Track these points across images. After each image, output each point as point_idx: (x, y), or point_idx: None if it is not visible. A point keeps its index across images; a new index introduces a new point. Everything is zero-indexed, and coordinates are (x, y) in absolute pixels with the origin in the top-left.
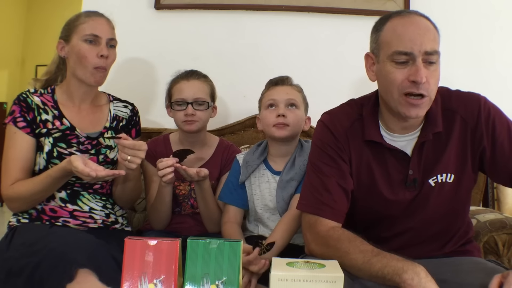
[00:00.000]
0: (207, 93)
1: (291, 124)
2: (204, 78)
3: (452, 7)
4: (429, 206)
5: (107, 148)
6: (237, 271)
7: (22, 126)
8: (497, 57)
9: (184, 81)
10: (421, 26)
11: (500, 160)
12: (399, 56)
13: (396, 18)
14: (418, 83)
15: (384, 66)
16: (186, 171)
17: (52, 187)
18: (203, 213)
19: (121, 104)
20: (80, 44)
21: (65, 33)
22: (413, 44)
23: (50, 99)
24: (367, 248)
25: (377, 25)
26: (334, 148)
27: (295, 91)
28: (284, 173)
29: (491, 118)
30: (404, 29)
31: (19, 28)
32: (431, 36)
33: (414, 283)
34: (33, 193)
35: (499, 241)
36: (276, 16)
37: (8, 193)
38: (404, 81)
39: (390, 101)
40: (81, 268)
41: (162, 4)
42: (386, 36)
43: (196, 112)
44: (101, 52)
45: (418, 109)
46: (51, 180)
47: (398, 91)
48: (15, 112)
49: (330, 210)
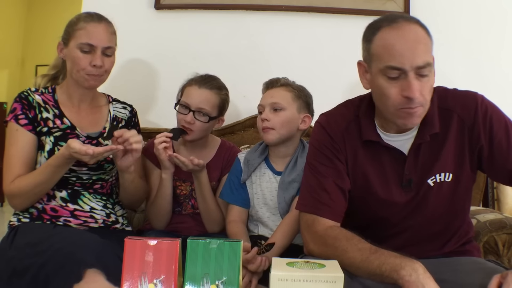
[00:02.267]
0: (214, 106)
1: (276, 127)
2: (217, 90)
3: (452, 6)
4: (428, 206)
5: None
6: (237, 271)
7: (24, 124)
8: (497, 56)
9: (195, 86)
10: (411, 38)
11: (498, 158)
12: (391, 71)
13: (386, 29)
14: (411, 99)
15: (377, 79)
16: (178, 157)
17: (53, 176)
18: (202, 211)
19: (120, 105)
20: (75, 51)
21: (64, 35)
22: (404, 59)
23: (50, 99)
24: (365, 246)
25: (367, 34)
26: (330, 148)
27: (284, 91)
28: (285, 174)
29: (488, 116)
30: (394, 43)
31: (19, 28)
32: (422, 48)
33: (412, 279)
34: (35, 185)
35: (499, 241)
36: (276, 16)
37: (10, 189)
38: (398, 96)
39: (386, 113)
40: (90, 268)
41: (162, 4)
42: (376, 49)
43: (196, 122)
44: (94, 62)
45: (414, 118)
46: (51, 169)
47: (393, 106)
48: (16, 109)
49: (327, 209)
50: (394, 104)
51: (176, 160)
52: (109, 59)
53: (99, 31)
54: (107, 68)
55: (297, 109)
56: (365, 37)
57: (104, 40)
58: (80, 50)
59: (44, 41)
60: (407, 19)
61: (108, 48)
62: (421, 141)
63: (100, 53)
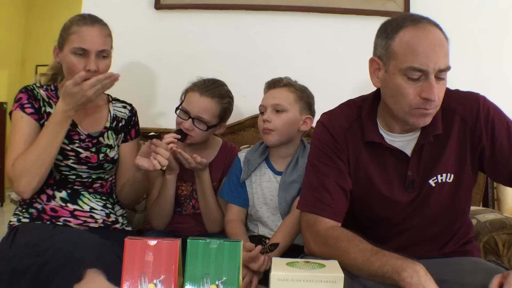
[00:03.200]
0: (214, 115)
1: (277, 129)
2: (219, 98)
3: (452, 7)
4: (429, 206)
5: (107, 147)
6: (237, 271)
7: (30, 112)
8: (497, 56)
9: (197, 93)
10: (436, 40)
11: (500, 159)
12: (413, 72)
13: (410, 28)
14: (430, 101)
15: (394, 78)
16: (182, 154)
17: (52, 139)
18: (203, 210)
19: (120, 105)
20: (69, 56)
21: (59, 39)
22: (428, 62)
23: (54, 95)
24: (366, 247)
25: (387, 31)
26: (332, 148)
27: (286, 92)
28: (286, 175)
29: (490, 117)
30: (419, 43)
31: (19, 28)
32: (444, 51)
33: (413, 281)
34: (36, 155)
35: (499, 241)
36: (276, 16)
37: (13, 171)
38: (416, 97)
39: (399, 112)
40: (90, 268)
41: (162, 4)
42: (399, 47)
43: (194, 129)
44: (88, 67)
45: (426, 118)
46: (49, 129)
47: (408, 106)
48: (22, 99)
49: (329, 209)
50: (410, 104)
51: (179, 156)
52: (104, 62)
53: (92, 34)
54: (102, 70)
55: (299, 111)
56: (384, 33)
57: (98, 44)
58: (74, 54)
59: (44, 41)
60: (430, 22)
61: (102, 51)
62: (425, 141)
63: (94, 57)
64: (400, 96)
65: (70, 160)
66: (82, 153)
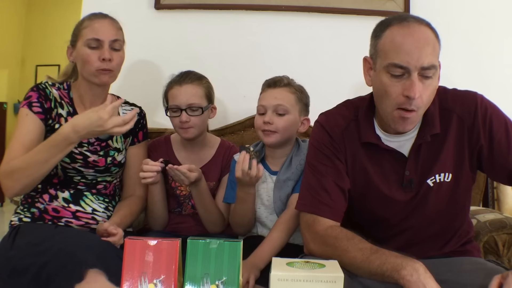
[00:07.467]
0: (202, 97)
1: (279, 130)
2: (198, 80)
3: (452, 6)
4: (428, 206)
5: (115, 150)
6: (237, 271)
7: (37, 112)
8: (497, 56)
9: (177, 86)
10: (420, 38)
11: (498, 158)
12: (395, 69)
13: (396, 27)
14: (410, 99)
15: (380, 75)
16: (179, 169)
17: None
18: (203, 216)
19: (129, 107)
20: (83, 49)
21: (72, 38)
22: (409, 58)
23: (66, 95)
24: (366, 246)
25: (376, 30)
26: (330, 148)
27: (288, 93)
28: (280, 173)
29: (488, 115)
30: (402, 41)
31: (19, 28)
32: (429, 49)
33: (413, 279)
34: (27, 164)
35: (499, 241)
36: (276, 16)
37: (3, 170)
38: (399, 96)
39: (384, 112)
40: (91, 268)
41: (162, 4)
42: (384, 45)
43: (191, 118)
44: (102, 56)
45: (406, 124)
46: (46, 147)
47: (391, 105)
48: (31, 97)
49: (328, 209)
50: (393, 103)
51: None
52: (118, 53)
53: (105, 25)
54: (116, 62)
55: (299, 112)
56: (374, 33)
57: (111, 34)
58: (88, 46)
59: (44, 41)
60: (418, 20)
61: (116, 41)
62: (422, 141)
63: (107, 47)
64: (385, 94)
65: (78, 164)
66: (90, 156)
